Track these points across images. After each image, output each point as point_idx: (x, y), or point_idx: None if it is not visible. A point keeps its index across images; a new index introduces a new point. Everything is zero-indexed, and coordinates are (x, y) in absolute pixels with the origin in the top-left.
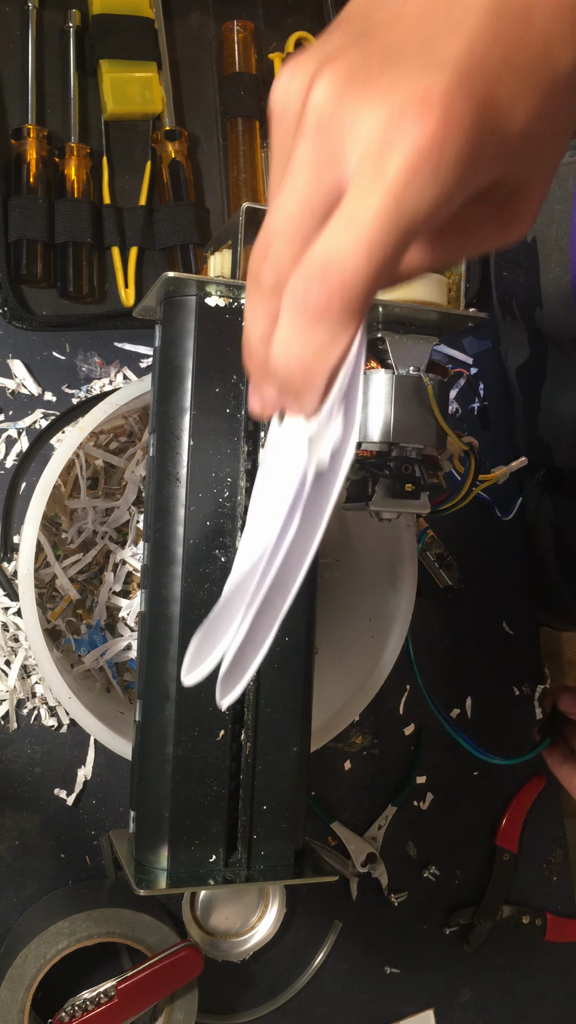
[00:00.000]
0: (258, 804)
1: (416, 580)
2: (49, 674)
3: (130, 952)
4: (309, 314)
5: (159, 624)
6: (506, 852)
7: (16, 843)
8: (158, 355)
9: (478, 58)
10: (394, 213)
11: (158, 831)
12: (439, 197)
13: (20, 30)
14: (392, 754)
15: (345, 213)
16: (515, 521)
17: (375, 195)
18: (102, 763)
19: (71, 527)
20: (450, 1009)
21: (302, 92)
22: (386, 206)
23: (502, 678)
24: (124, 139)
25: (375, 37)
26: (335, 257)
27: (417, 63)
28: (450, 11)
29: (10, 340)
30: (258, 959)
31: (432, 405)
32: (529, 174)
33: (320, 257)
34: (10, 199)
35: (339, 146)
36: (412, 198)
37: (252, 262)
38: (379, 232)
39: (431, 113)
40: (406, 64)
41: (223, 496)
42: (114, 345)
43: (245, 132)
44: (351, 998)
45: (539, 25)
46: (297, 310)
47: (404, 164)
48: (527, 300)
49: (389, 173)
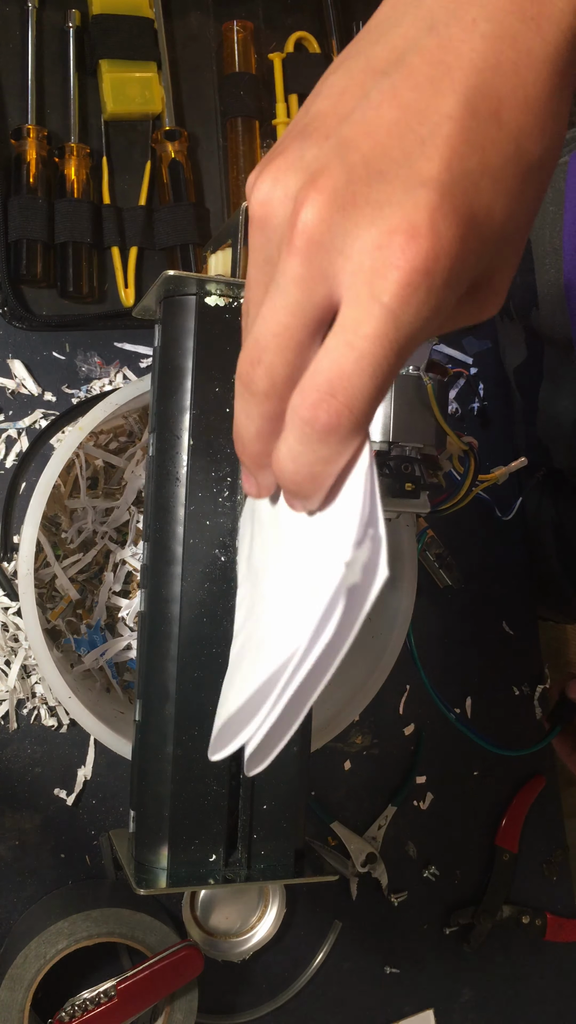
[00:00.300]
0: (258, 804)
1: (416, 580)
2: (49, 674)
3: (130, 952)
4: (318, 432)
5: (159, 624)
6: (506, 852)
7: (16, 843)
8: (158, 355)
9: (456, 170)
10: (393, 331)
11: (158, 831)
12: (433, 311)
13: (20, 30)
14: (392, 754)
15: (344, 334)
16: (515, 521)
17: (372, 317)
18: (102, 763)
19: (71, 527)
20: (450, 1009)
21: (286, 204)
22: (384, 326)
23: (502, 678)
24: (124, 139)
25: (354, 149)
26: (339, 379)
27: (400, 184)
28: (424, 119)
29: (10, 340)
30: (258, 959)
31: (432, 405)
32: (504, 258)
33: (325, 379)
34: (10, 199)
35: (330, 264)
36: (408, 317)
37: (242, 365)
38: (379, 352)
39: (420, 238)
40: (390, 186)
41: (223, 496)
42: (114, 345)
43: (245, 132)
44: (351, 998)
45: (509, 122)
46: (306, 428)
47: (398, 287)
48: (523, 301)
49: (384, 296)
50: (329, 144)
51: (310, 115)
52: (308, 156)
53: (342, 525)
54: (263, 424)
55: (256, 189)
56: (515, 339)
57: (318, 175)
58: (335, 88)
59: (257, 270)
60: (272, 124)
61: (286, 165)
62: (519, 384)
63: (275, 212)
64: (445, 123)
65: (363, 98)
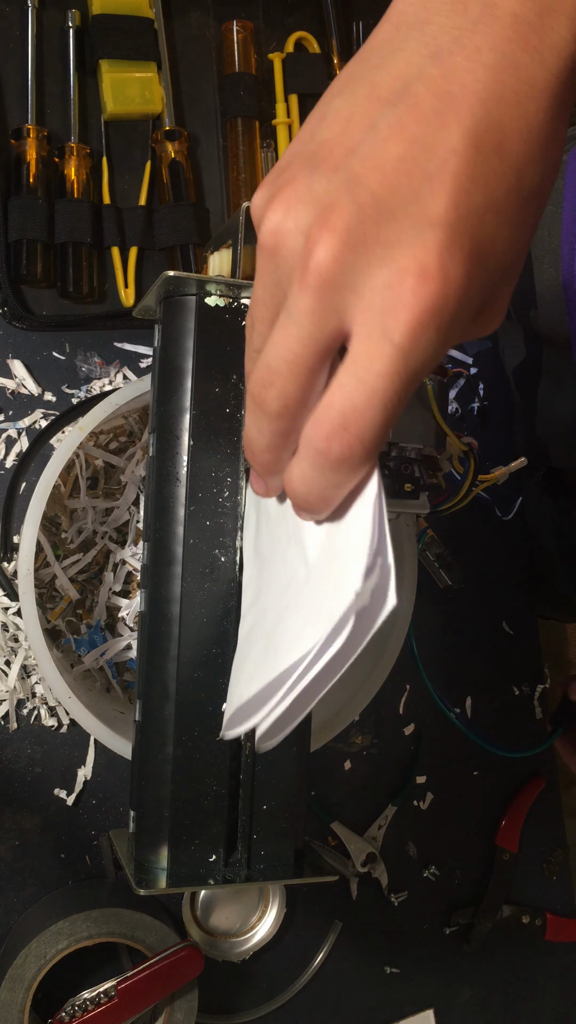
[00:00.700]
0: (258, 804)
1: (416, 580)
2: (49, 674)
3: (130, 952)
4: (331, 462)
5: (159, 624)
6: (506, 852)
7: (16, 843)
8: (158, 355)
9: (463, 208)
10: (403, 368)
11: (158, 831)
12: (441, 346)
13: (20, 30)
14: (392, 754)
15: (356, 370)
16: (515, 521)
17: (384, 355)
18: (102, 763)
19: (71, 527)
20: (450, 1009)
21: (297, 238)
22: (395, 363)
23: (502, 678)
24: (124, 139)
25: (364, 186)
26: (352, 413)
27: (409, 224)
28: (431, 154)
29: (10, 340)
30: (258, 959)
31: (432, 405)
32: (506, 280)
33: (338, 412)
34: (10, 199)
35: (342, 300)
36: (417, 354)
37: (254, 386)
38: (390, 388)
39: (430, 280)
40: (399, 225)
41: (223, 496)
42: (114, 345)
43: (245, 132)
44: (351, 998)
45: (511, 154)
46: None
47: (409, 327)
48: (522, 301)
49: (396, 336)
50: (339, 178)
51: (316, 141)
52: (318, 188)
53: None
54: (274, 439)
55: (266, 219)
56: (514, 339)
57: (330, 212)
58: (341, 114)
59: (265, 291)
60: (272, 124)
61: (296, 197)
62: (518, 384)
63: (286, 244)
64: (451, 159)
65: (370, 129)
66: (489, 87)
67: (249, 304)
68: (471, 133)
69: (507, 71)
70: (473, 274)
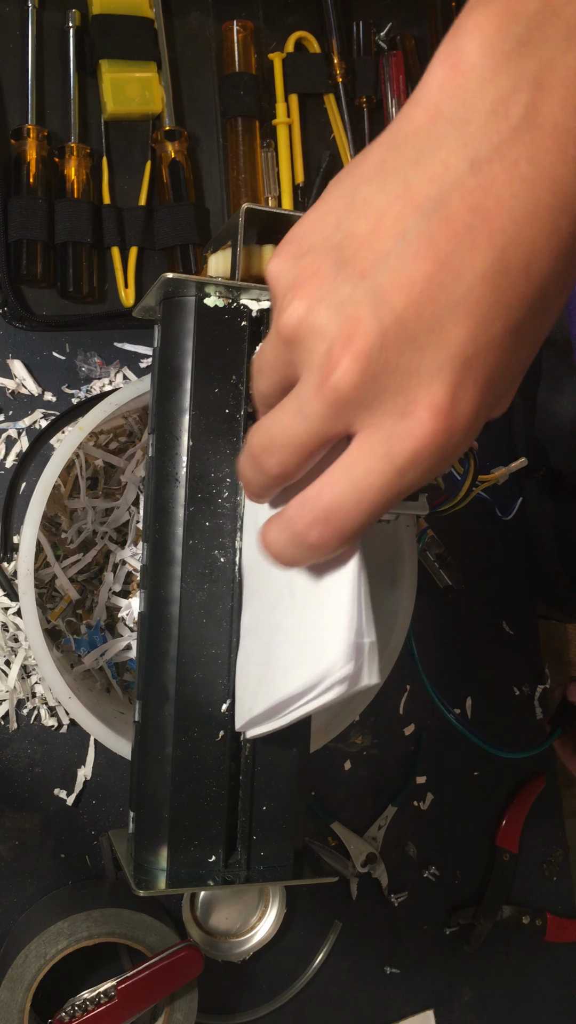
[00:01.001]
0: (258, 805)
1: (416, 580)
2: (49, 674)
3: (130, 952)
4: (306, 545)
5: (158, 624)
6: (506, 852)
7: (16, 843)
8: (157, 355)
9: (481, 340)
10: (396, 485)
11: (157, 831)
12: (439, 467)
13: (20, 30)
14: (392, 754)
15: (352, 475)
16: (515, 521)
17: (381, 472)
18: (102, 763)
19: (71, 527)
20: (450, 1009)
21: (318, 343)
22: (390, 480)
23: (502, 678)
24: (124, 139)
25: (389, 305)
26: (337, 511)
27: (429, 355)
28: (458, 278)
29: (10, 340)
30: (258, 959)
31: None
32: (514, 385)
33: (324, 507)
34: (10, 199)
35: (354, 414)
36: (414, 475)
37: (255, 447)
38: (380, 499)
39: (440, 417)
40: (419, 355)
41: (223, 497)
42: (114, 345)
43: (245, 132)
44: (351, 998)
45: (537, 273)
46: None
47: (411, 454)
48: None
49: (398, 459)
50: (365, 287)
51: (344, 232)
52: (343, 293)
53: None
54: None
55: (289, 307)
56: None
57: (354, 330)
58: (372, 208)
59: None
60: (272, 124)
61: (320, 296)
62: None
63: (305, 343)
64: (477, 287)
65: (401, 238)
66: (524, 204)
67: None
68: (500, 256)
69: (544, 186)
70: (484, 403)
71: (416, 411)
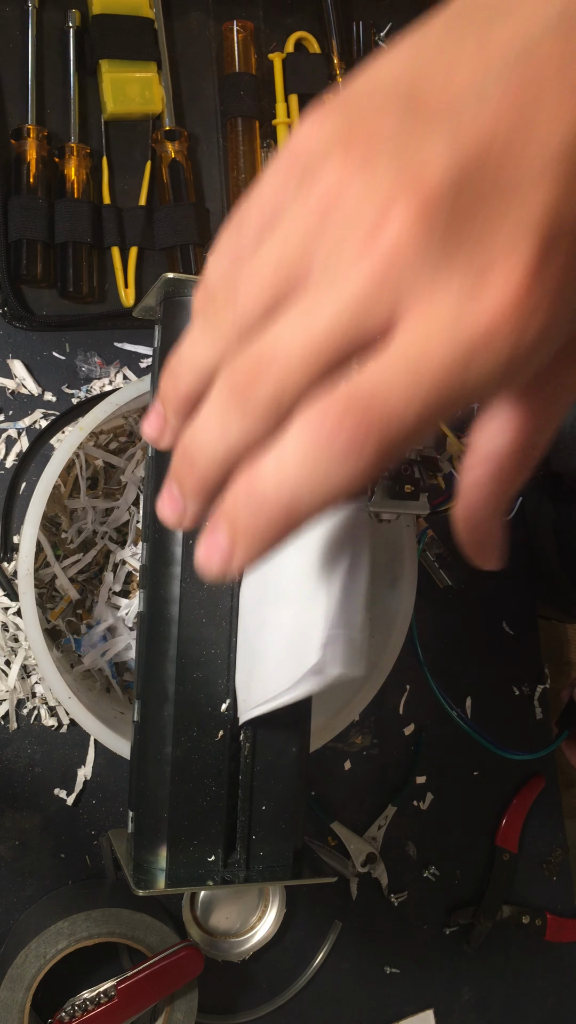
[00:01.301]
0: (257, 804)
1: (416, 580)
2: (49, 674)
3: (130, 952)
4: (335, 446)
5: (158, 624)
6: (506, 852)
7: (16, 843)
8: (158, 355)
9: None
10: (459, 374)
11: (157, 831)
12: (508, 371)
13: (20, 30)
14: (392, 754)
15: (405, 354)
16: (515, 521)
17: (443, 353)
18: (102, 763)
19: (71, 527)
20: (450, 1009)
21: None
22: (455, 364)
23: (502, 678)
24: (124, 139)
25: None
26: (383, 394)
27: (513, 210)
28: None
29: (10, 340)
30: (258, 959)
31: None
32: None
33: (367, 387)
34: (10, 199)
35: (407, 291)
36: (480, 367)
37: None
38: (437, 388)
39: (523, 288)
40: (502, 208)
41: None
42: (114, 345)
43: (245, 132)
44: (351, 998)
45: None
46: (322, 438)
47: (486, 329)
48: None
49: (465, 337)
50: (437, 125)
51: (410, 80)
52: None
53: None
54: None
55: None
56: None
57: (421, 172)
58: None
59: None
60: (272, 124)
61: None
62: None
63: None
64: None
65: (485, 81)
66: None
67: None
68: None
69: None
70: (570, 290)
71: (494, 278)
